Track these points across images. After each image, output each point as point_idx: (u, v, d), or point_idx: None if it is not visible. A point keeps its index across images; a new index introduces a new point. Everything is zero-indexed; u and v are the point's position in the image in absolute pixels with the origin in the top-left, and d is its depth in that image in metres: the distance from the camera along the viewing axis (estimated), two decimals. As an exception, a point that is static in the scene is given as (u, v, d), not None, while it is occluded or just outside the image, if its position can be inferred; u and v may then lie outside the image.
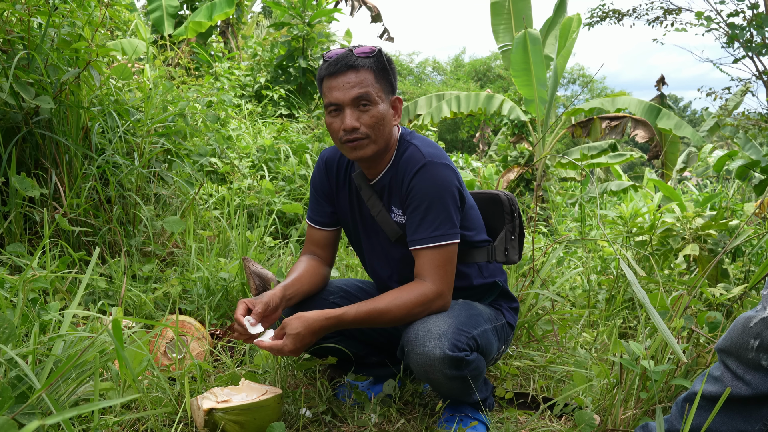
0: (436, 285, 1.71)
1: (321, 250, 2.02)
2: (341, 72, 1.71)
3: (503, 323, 1.96)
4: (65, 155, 2.87)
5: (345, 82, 1.70)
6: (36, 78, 2.68)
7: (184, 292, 2.73)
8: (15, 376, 1.15)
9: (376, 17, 10.12)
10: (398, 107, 1.81)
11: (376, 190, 1.88)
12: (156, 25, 9.06)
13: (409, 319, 1.71)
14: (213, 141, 4.53)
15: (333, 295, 2.00)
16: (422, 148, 1.79)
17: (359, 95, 1.70)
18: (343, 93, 1.70)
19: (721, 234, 4.40)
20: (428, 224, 1.72)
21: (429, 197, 1.73)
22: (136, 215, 3.07)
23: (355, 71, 1.71)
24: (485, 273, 1.99)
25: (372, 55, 1.74)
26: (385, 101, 1.76)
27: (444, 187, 1.74)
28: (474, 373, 1.72)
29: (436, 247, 1.72)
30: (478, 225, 1.97)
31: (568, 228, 7.16)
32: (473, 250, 1.95)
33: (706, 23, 8.50)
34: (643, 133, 8.16)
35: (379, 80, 1.73)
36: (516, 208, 2.06)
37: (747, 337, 1.22)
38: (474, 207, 1.97)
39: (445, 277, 1.73)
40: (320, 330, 1.66)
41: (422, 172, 1.74)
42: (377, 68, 1.74)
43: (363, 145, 1.74)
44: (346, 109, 1.71)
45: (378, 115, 1.72)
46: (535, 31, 8.83)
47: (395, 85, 1.81)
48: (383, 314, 1.69)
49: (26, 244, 2.63)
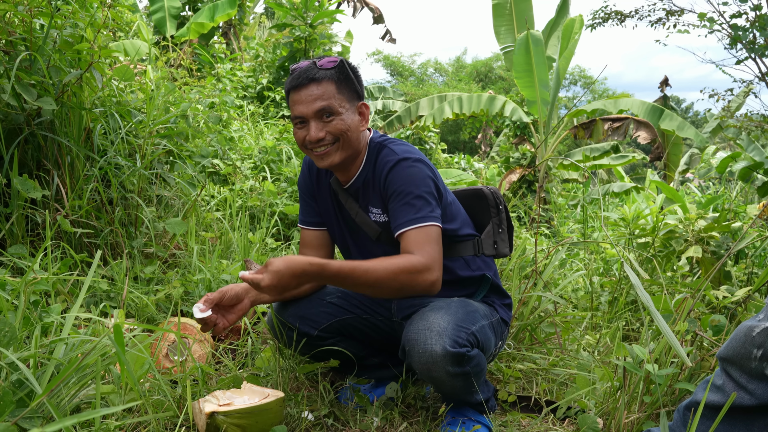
0: (423, 257, 1.68)
1: (315, 251, 2.02)
2: (303, 85, 1.77)
3: (498, 319, 1.97)
4: (67, 156, 2.87)
5: (308, 95, 1.76)
6: (38, 79, 2.68)
7: (186, 293, 2.72)
8: (16, 380, 1.15)
9: (378, 18, 10.12)
10: (365, 113, 1.86)
11: (351, 193, 1.93)
12: (158, 26, 9.07)
13: (393, 286, 1.65)
14: (215, 142, 4.53)
15: (330, 295, 2.01)
16: (395, 148, 1.85)
17: (322, 108, 1.75)
18: (306, 106, 1.76)
19: (724, 236, 4.39)
20: (408, 210, 1.75)
21: (406, 188, 1.76)
22: (138, 217, 3.06)
23: (317, 84, 1.76)
24: (472, 266, 2.00)
25: (334, 66, 1.79)
26: (350, 110, 1.80)
27: (419, 178, 1.78)
28: (476, 370, 1.73)
29: (419, 228, 1.72)
30: (460, 219, 1.99)
31: (570, 230, 7.14)
32: (458, 245, 1.97)
33: (709, 25, 8.47)
34: (645, 135, 8.15)
35: (341, 90, 1.78)
36: (501, 201, 2.09)
37: (750, 347, 1.21)
38: (455, 203, 2.00)
39: (432, 253, 1.70)
40: (302, 274, 1.60)
41: (397, 167, 1.79)
42: (339, 79, 1.78)
43: (330, 153, 1.80)
44: (311, 122, 1.77)
45: (342, 125, 1.78)
46: (537, 32, 8.83)
47: (361, 92, 1.86)
48: (367, 273, 1.64)
49: (28, 245, 2.63)
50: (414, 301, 1.96)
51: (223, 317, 1.75)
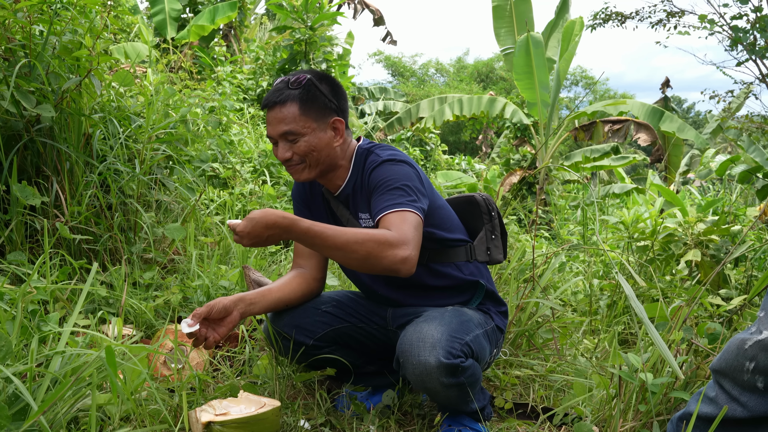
0: (398, 234, 1.65)
1: (307, 260, 2.02)
2: (269, 108, 1.82)
3: (493, 327, 1.97)
4: (66, 162, 2.88)
5: (273, 118, 1.81)
6: (37, 86, 2.69)
7: (185, 299, 2.73)
8: (12, 394, 1.16)
9: (379, 20, 10.13)
10: (339, 128, 1.87)
11: (342, 200, 1.95)
12: (159, 28, 9.08)
13: (359, 252, 1.62)
14: (215, 146, 4.54)
15: (325, 304, 2.02)
16: (381, 152, 1.88)
17: (284, 132, 1.80)
18: (272, 128, 1.82)
19: (723, 239, 4.39)
20: (387, 197, 1.75)
21: (386, 181, 1.78)
22: (137, 222, 3.07)
23: (281, 106, 1.79)
24: (465, 272, 2.00)
25: (299, 86, 1.80)
26: (317, 129, 1.82)
27: (402, 173, 1.80)
28: (470, 380, 1.73)
29: (397, 212, 1.71)
30: (451, 224, 1.99)
31: (570, 232, 7.14)
32: (449, 250, 1.98)
33: (710, 26, 8.46)
34: (645, 137, 8.14)
35: (306, 111, 1.80)
36: (493, 208, 2.09)
37: (742, 359, 1.22)
38: (444, 207, 2.00)
39: (407, 231, 1.66)
40: (273, 225, 1.61)
41: (380, 166, 1.83)
42: (305, 99, 1.80)
43: (299, 170, 1.86)
44: (278, 142, 1.83)
45: (306, 146, 1.81)
46: (538, 34, 8.83)
47: (338, 105, 1.87)
48: (336, 235, 1.62)
49: (27, 252, 2.64)
50: (408, 310, 1.97)
51: (213, 331, 1.74)
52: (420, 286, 1.95)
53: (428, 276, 1.94)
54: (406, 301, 1.98)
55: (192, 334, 1.69)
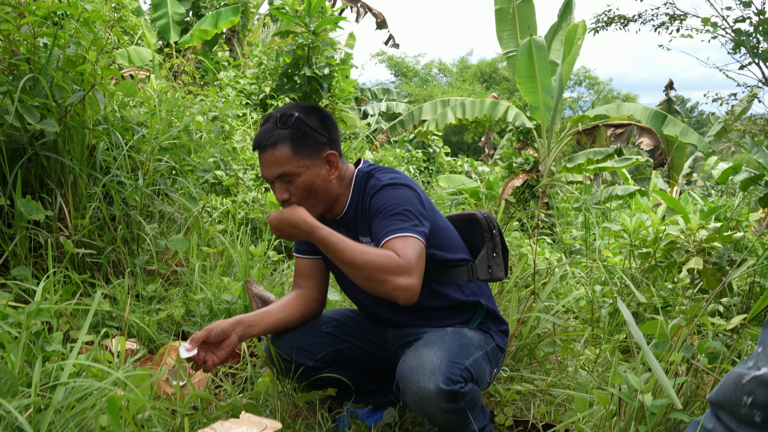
0: (404, 260, 1.66)
1: (307, 281, 2.03)
2: (261, 151, 1.81)
3: (493, 347, 1.97)
4: (70, 175, 2.89)
5: (266, 161, 1.81)
6: (41, 101, 2.70)
7: (188, 312, 2.75)
8: (16, 427, 1.17)
9: (382, 24, 10.14)
10: (333, 161, 1.86)
11: (343, 224, 1.95)
12: (162, 32, 9.11)
13: (365, 272, 1.65)
14: (218, 153, 4.55)
15: (325, 324, 2.02)
16: (381, 176, 1.88)
17: (279, 174, 1.80)
18: (266, 171, 1.82)
19: (726, 247, 4.39)
20: (389, 223, 1.75)
21: (387, 206, 1.78)
22: (140, 234, 3.08)
23: (272, 149, 1.79)
24: (466, 292, 2.00)
25: (288, 126, 1.79)
26: (312, 166, 1.82)
27: (403, 197, 1.80)
28: (470, 404, 1.73)
29: (401, 236, 1.72)
30: (452, 245, 1.99)
31: (572, 236, 7.13)
32: (450, 270, 1.97)
33: (712, 29, 8.44)
34: (648, 141, 8.14)
35: (299, 150, 1.79)
36: (494, 226, 2.09)
37: (740, 394, 1.23)
38: (446, 227, 2.00)
39: (412, 259, 1.67)
40: (295, 225, 1.71)
41: (381, 191, 1.82)
42: (296, 138, 1.79)
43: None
44: (274, 184, 1.83)
45: (303, 185, 1.81)
46: (540, 38, 8.82)
47: (330, 137, 1.86)
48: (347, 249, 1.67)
49: (31, 266, 2.65)
50: (409, 331, 1.97)
51: (212, 354, 1.75)
52: (420, 307, 1.94)
53: (429, 297, 1.94)
54: (407, 322, 1.99)
55: (191, 359, 1.70)
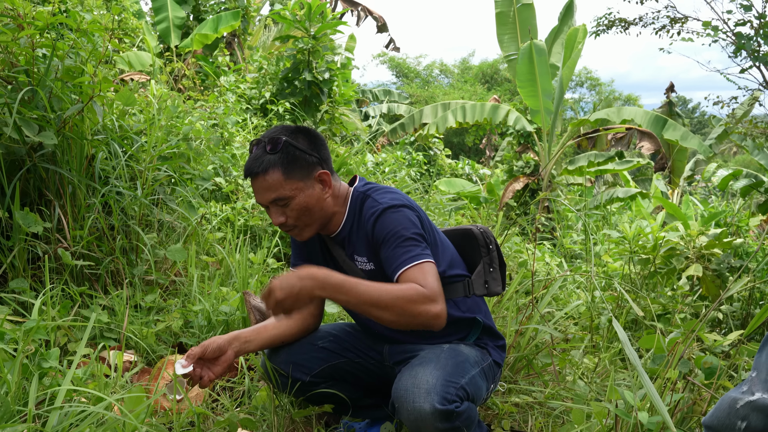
0: (428, 288, 1.67)
1: None
2: (252, 178, 1.81)
3: (490, 362, 1.97)
4: (69, 186, 2.90)
5: (259, 187, 1.81)
6: (39, 114, 2.71)
7: (186, 324, 2.75)
8: (10, 453, 1.18)
9: (382, 27, 10.14)
10: (326, 180, 1.86)
11: (338, 241, 1.95)
12: (163, 36, 9.12)
13: (394, 309, 1.64)
14: (217, 160, 4.55)
15: (322, 339, 2.03)
16: (379, 198, 1.86)
17: (273, 199, 1.80)
18: (260, 196, 1.82)
19: (726, 254, 4.38)
20: (401, 252, 1.75)
21: (395, 233, 1.78)
22: (138, 244, 3.09)
23: (264, 175, 1.79)
24: (462, 308, 1.99)
25: (277, 151, 1.79)
26: (305, 187, 1.82)
27: (407, 221, 1.80)
28: (466, 423, 1.73)
29: (416, 265, 1.72)
30: (450, 261, 1.99)
31: (572, 241, 7.14)
32: (447, 287, 1.96)
33: (713, 33, 8.43)
34: (648, 145, 8.14)
35: (290, 174, 1.79)
36: (491, 240, 2.08)
37: (734, 418, 1.23)
38: (443, 243, 2.00)
39: (434, 285, 1.69)
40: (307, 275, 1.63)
41: (382, 216, 1.81)
42: (286, 162, 1.79)
43: (298, 233, 1.88)
44: (270, 208, 1.83)
45: (299, 207, 1.81)
46: (541, 42, 8.83)
47: (317, 159, 1.85)
48: (370, 291, 1.65)
49: (29, 278, 2.65)
50: (406, 347, 1.97)
51: (208, 370, 1.76)
52: None
53: None
54: (403, 339, 1.99)
55: (186, 375, 1.70)
